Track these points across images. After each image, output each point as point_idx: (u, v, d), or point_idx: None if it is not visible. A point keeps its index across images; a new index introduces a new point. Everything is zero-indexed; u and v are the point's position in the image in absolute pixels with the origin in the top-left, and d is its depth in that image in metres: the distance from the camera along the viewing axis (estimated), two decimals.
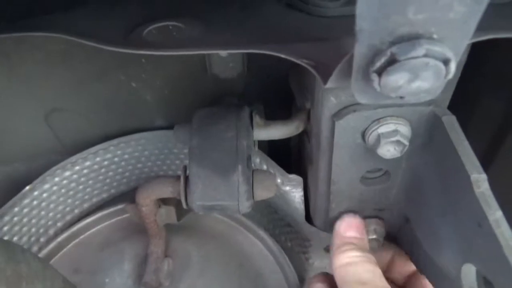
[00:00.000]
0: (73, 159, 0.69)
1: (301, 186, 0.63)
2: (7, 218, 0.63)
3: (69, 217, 0.70)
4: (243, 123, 0.49)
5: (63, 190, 0.69)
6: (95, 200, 0.72)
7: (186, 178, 0.48)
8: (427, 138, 0.38)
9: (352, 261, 0.40)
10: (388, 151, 0.37)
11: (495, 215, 0.29)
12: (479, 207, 0.30)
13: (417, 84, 0.24)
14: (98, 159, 0.71)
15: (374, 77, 0.24)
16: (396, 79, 0.24)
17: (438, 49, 0.22)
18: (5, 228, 0.63)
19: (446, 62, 0.23)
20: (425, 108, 0.36)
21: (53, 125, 0.67)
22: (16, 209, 0.64)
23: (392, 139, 0.36)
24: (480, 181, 0.31)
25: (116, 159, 0.72)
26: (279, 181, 0.64)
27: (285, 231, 0.70)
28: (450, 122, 0.35)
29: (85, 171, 0.70)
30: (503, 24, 0.31)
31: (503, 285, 0.29)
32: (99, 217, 0.68)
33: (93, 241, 0.67)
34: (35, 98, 0.63)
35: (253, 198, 0.48)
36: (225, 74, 0.61)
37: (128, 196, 0.71)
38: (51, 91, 0.63)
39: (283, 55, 0.31)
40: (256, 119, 0.52)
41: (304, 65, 0.30)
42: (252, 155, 0.50)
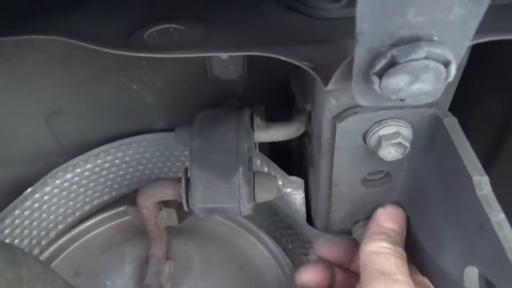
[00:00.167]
0: (74, 161, 0.69)
1: (302, 188, 0.63)
2: (8, 221, 0.63)
3: (70, 219, 0.70)
4: (244, 125, 0.48)
5: (64, 193, 0.69)
6: (96, 202, 0.72)
7: (187, 180, 0.48)
8: (428, 140, 0.38)
9: (381, 251, 0.40)
10: (389, 153, 0.37)
11: (498, 218, 0.29)
12: (482, 209, 0.30)
13: (417, 87, 0.24)
14: (99, 161, 0.71)
15: (375, 79, 0.24)
16: (397, 82, 0.24)
17: (438, 51, 0.22)
18: (6, 231, 0.63)
19: (446, 64, 0.23)
20: (427, 110, 0.36)
21: (54, 127, 0.67)
22: (17, 212, 0.64)
23: (394, 141, 0.36)
24: (482, 183, 0.31)
25: (117, 161, 0.72)
26: (280, 183, 0.64)
27: (286, 233, 0.69)
28: (452, 124, 0.35)
29: (86, 173, 0.70)
30: (504, 26, 0.31)
31: None
32: (100, 219, 0.68)
33: (94, 244, 0.67)
34: (35, 100, 0.63)
35: (254, 200, 0.48)
36: (226, 76, 0.61)
37: (129, 198, 0.71)
38: (51, 93, 0.63)
39: (283, 58, 0.31)
40: (257, 121, 0.52)
41: (305, 67, 0.30)
42: (253, 157, 0.49)
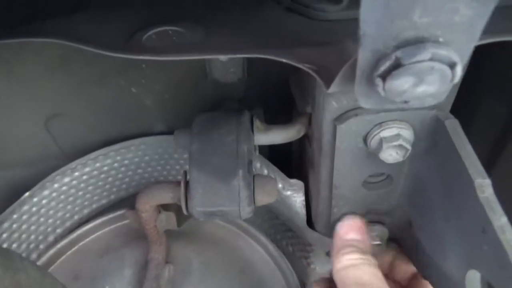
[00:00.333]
0: (72, 165, 0.69)
1: (303, 190, 0.63)
2: (6, 225, 0.63)
3: (68, 223, 0.70)
4: (243, 127, 0.48)
5: (62, 196, 0.68)
6: (95, 206, 0.72)
7: (186, 183, 0.47)
8: (430, 142, 0.38)
9: (352, 263, 0.39)
10: (390, 155, 0.37)
11: (500, 221, 0.29)
12: (484, 212, 0.30)
13: (422, 89, 0.24)
14: (98, 164, 0.70)
15: (379, 81, 0.24)
16: (401, 84, 0.23)
17: (444, 52, 0.22)
18: (4, 235, 0.62)
19: (452, 65, 0.23)
20: (428, 112, 0.36)
21: (53, 130, 0.67)
22: (15, 216, 0.64)
23: (395, 143, 0.36)
24: (484, 186, 0.31)
25: (116, 165, 0.72)
26: (280, 186, 0.63)
27: (287, 236, 0.69)
28: (453, 126, 0.34)
29: (84, 177, 0.70)
30: (508, 27, 0.30)
31: None
32: (98, 223, 0.67)
33: (93, 248, 0.66)
34: (34, 104, 0.62)
35: (254, 203, 0.48)
36: (225, 79, 0.61)
37: (128, 202, 0.70)
38: (50, 96, 0.62)
39: (284, 60, 0.31)
40: (257, 123, 0.51)
41: (306, 69, 0.30)
42: (253, 160, 0.49)
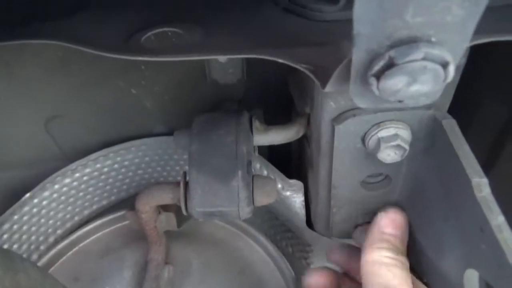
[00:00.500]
0: (73, 166, 0.69)
1: (302, 191, 0.63)
2: (6, 226, 0.63)
3: (69, 224, 0.70)
4: (243, 128, 0.48)
5: (63, 197, 0.69)
6: (95, 207, 0.72)
7: (186, 184, 0.47)
8: (427, 142, 0.38)
9: (384, 261, 0.38)
10: (388, 155, 0.37)
11: (497, 220, 0.29)
12: (481, 212, 0.30)
13: (415, 88, 0.24)
14: (98, 165, 0.71)
15: (373, 81, 0.24)
16: (395, 83, 0.24)
17: (436, 52, 0.22)
18: (5, 236, 0.63)
19: (444, 65, 0.23)
20: (425, 112, 0.36)
21: (53, 131, 0.67)
22: (15, 217, 0.64)
23: (393, 143, 0.36)
24: (482, 186, 0.31)
25: (116, 166, 0.72)
26: (279, 186, 0.63)
27: (286, 236, 0.69)
28: (451, 126, 0.34)
29: (85, 178, 0.70)
30: (503, 27, 0.31)
31: None
32: (99, 224, 0.68)
33: (93, 249, 0.66)
34: (34, 105, 0.63)
35: (254, 203, 0.48)
36: (224, 80, 0.61)
37: (128, 202, 0.70)
38: (50, 97, 0.63)
39: (281, 60, 0.31)
40: (256, 124, 0.52)
41: (303, 69, 0.30)
42: (252, 161, 0.49)
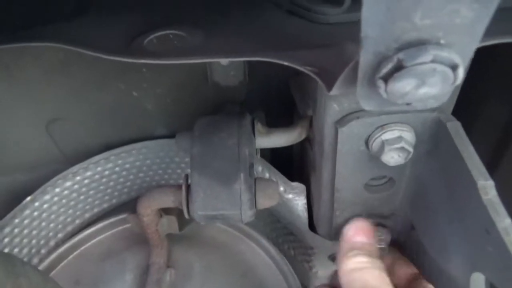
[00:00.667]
0: (74, 169, 0.69)
1: (304, 194, 0.62)
2: (7, 230, 0.62)
3: (70, 227, 0.69)
4: (245, 130, 0.48)
5: (64, 201, 0.68)
6: (96, 210, 0.72)
7: (188, 187, 0.47)
8: (432, 144, 0.37)
9: (359, 266, 0.39)
10: (392, 158, 0.37)
11: (504, 223, 0.29)
12: (487, 214, 0.29)
13: (424, 90, 0.24)
14: (99, 168, 0.70)
15: (380, 83, 0.24)
16: (403, 86, 0.23)
17: (445, 54, 0.22)
18: (6, 240, 0.62)
19: (454, 67, 0.23)
20: (430, 114, 0.35)
21: (54, 134, 0.67)
22: (16, 221, 0.63)
23: (396, 145, 0.36)
24: (488, 188, 0.30)
25: (117, 169, 0.72)
26: (281, 189, 0.63)
27: (288, 239, 0.69)
28: (455, 128, 0.34)
29: (86, 181, 0.70)
30: (509, 28, 0.30)
31: None
32: (100, 227, 0.67)
33: (94, 252, 0.66)
34: (35, 108, 0.63)
35: (256, 206, 0.48)
36: (226, 82, 0.61)
37: (129, 206, 0.70)
38: (51, 100, 0.63)
39: (286, 63, 0.31)
40: (258, 126, 0.51)
41: (308, 72, 0.30)
42: (254, 163, 0.49)
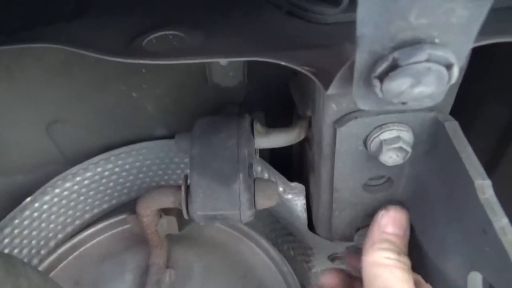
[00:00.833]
0: (74, 170, 0.69)
1: (303, 194, 0.63)
2: (7, 231, 0.63)
3: (70, 228, 0.70)
4: (244, 131, 0.48)
5: (64, 201, 0.68)
6: (96, 211, 0.72)
7: (187, 187, 0.47)
8: (430, 144, 0.38)
9: (385, 263, 0.37)
10: (390, 157, 0.37)
11: (501, 222, 0.29)
12: (484, 214, 0.29)
13: (419, 89, 0.24)
14: (99, 169, 0.71)
15: (376, 82, 0.24)
16: (398, 84, 0.23)
17: (440, 53, 0.22)
18: (6, 241, 0.62)
19: (448, 67, 0.23)
20: (427, 114, 0.36)
21: (54, 135, 0.67)
22: (16, 221, 0.64)
23: (395, 145, 0.36)
24: (485, 187, 0.30)
25: (117, 170, 0.72)
26: (281, 189, 0.63)
27: (288, 240, 0.69)
28: (453, 127, 0.34)
29: (86, 181, 0.70)
30: (506, 28, 0.31)
31: None
32: (100, 228, 0.67)
33: (94, 253, 0.66)
34: (35, 109, 0.63)
35: (255, 207, 0.48)
36: (225, 83, 0.61)
37: (129, 206, 0.70)
38: (51, 102, 0.63)
39: (283, 63, 0.31)
40: (257, 127, 0.51)
41: (305, 72, 0.30)
42: (253, 164, 0.49)
